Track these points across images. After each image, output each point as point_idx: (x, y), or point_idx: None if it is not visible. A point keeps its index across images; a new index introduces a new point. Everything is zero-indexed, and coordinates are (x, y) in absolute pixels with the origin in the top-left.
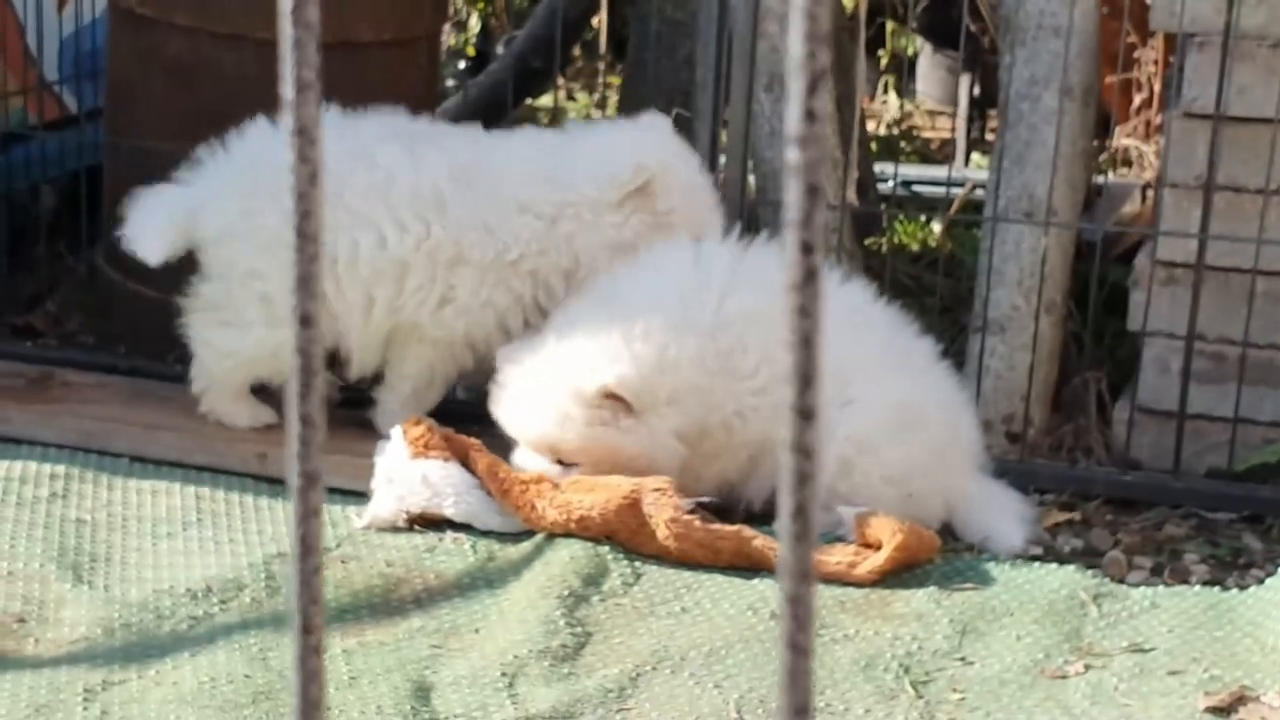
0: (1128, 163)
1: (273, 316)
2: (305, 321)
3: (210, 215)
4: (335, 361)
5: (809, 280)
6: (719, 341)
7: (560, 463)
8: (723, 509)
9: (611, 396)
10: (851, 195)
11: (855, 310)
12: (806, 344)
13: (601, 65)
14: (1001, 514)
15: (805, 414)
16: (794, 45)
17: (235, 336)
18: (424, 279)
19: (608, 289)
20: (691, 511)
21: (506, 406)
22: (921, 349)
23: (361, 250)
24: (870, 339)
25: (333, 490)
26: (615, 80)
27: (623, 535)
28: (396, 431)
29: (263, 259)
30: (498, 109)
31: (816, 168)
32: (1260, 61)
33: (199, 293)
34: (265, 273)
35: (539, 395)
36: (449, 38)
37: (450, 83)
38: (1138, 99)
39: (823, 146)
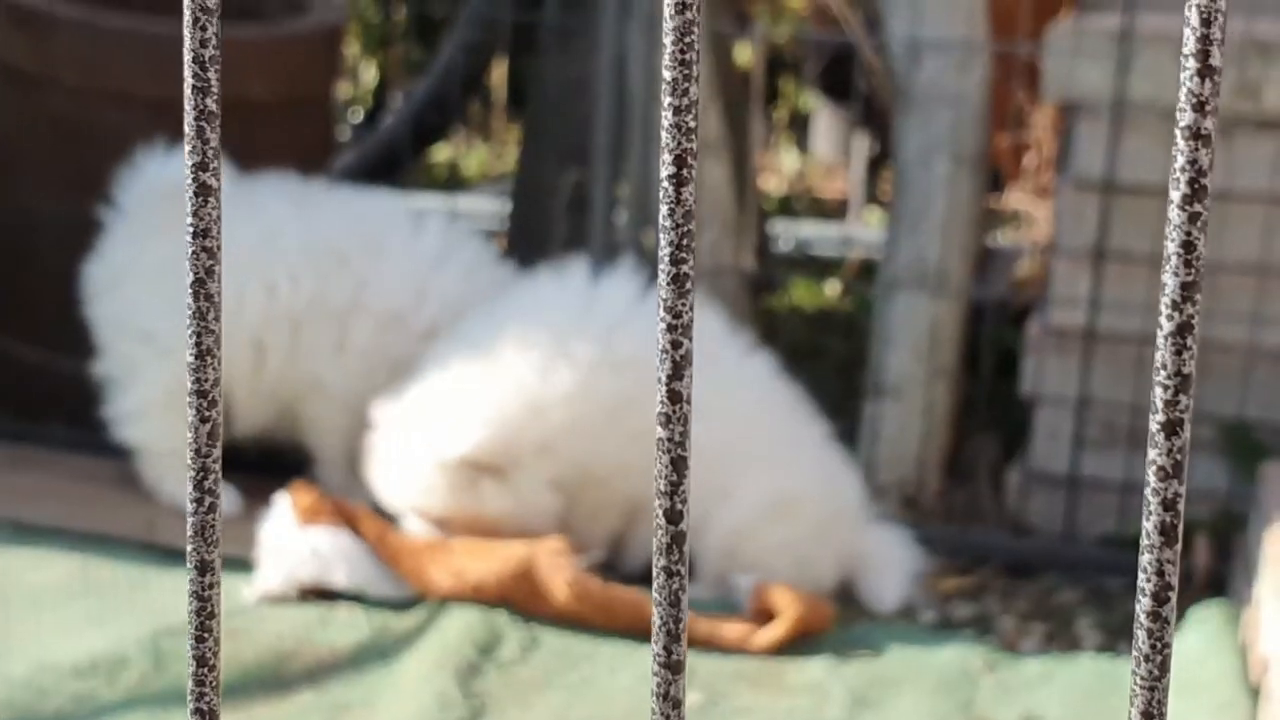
0: (1020, 223)
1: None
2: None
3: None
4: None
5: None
6: (606, 383)
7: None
8: (614, 568)
9: (471, 463)
10: (748, 259)
11: (750, 389)
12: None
13: (500, 117)
14: (883, 571)
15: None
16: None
17: (137, 391)
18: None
19: (482, 326)
20: (590, 573)
21: (373, 472)
22: (809, 431)
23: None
24: (759, 429)
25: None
26: (514, 131)
27: (518, 599)
28: (284, 499)
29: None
30: (394, 163)
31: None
32: (1149, 130)
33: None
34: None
35: (401, 462)
36: (346, 89)
37: (348, 134)
38: (1029, 161)
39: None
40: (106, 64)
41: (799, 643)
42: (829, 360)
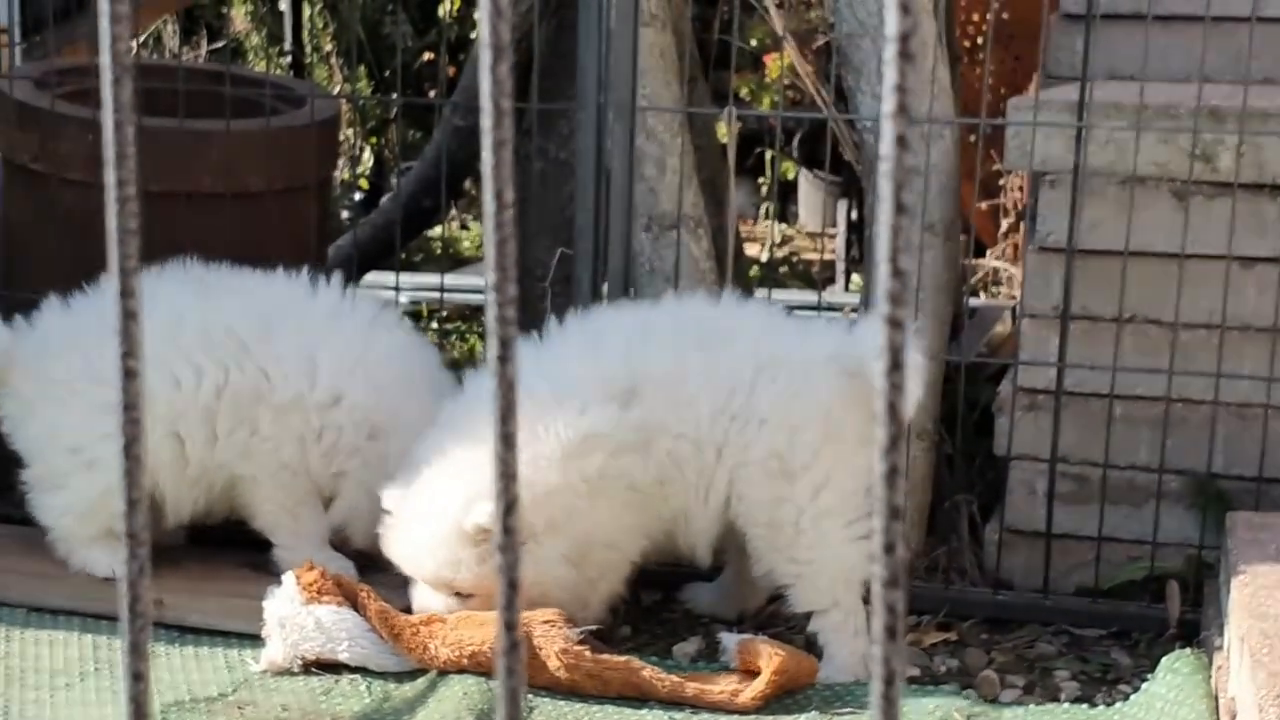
0: (999, 283)
1: (85, 464)
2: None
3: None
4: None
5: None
6: (585, 466)
7: (458, 594)
8: (609, 637)
9: (489, 530)
10: None
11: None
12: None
13: None
14: None
15: None
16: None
17: (63, 496)
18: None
19: (467, 416)
20: (581, 641)
21: (398, 547)
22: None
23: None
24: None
25: (228, 634)
26: None
27: None
28: (289, 577)
29: (63, 414)
30: (388, 247)
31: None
32: (1109, 197)
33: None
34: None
35: (426, 537)
36: (343, 172)
37: (345, 215)
38: (1005, 224)
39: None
40: None
41: (785, 698)
42: None
